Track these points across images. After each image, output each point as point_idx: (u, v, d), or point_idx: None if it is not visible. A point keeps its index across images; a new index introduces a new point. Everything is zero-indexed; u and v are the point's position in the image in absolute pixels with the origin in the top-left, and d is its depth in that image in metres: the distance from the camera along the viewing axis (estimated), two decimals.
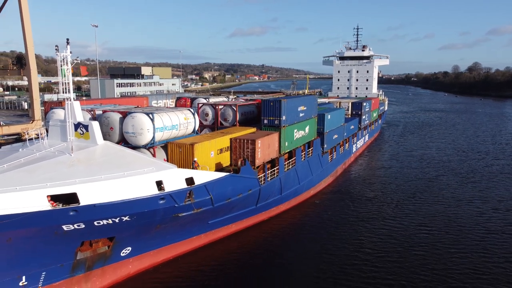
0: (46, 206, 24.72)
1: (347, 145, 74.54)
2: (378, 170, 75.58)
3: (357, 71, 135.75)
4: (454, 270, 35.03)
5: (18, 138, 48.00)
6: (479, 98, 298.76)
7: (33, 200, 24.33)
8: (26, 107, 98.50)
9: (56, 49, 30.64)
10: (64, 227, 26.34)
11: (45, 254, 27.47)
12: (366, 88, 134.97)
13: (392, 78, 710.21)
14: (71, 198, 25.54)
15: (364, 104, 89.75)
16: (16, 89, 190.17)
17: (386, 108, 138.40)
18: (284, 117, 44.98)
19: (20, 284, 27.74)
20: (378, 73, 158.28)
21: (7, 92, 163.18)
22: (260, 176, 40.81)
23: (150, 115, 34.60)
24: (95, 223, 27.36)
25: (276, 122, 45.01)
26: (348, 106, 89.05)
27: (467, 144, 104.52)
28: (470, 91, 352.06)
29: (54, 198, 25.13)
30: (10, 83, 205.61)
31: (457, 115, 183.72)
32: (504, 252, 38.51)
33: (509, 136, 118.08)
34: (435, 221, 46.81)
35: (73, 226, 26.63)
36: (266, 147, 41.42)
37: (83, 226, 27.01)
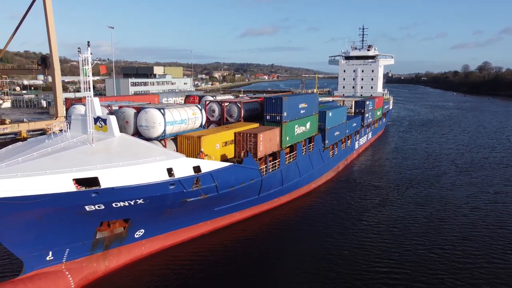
0: (72, 188, 28.26)
1: (349, 141, 77.35)
2: (380, 164, 79.11)
3: (362, 71, 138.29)
4: (445, 238, 41.42)
5: (42, 134, 51.68)
6: (488, 98, 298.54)
7: (61, 182, 27.84)
8: (44, 105, 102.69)
9: (78, 51, 34.22)
10: (87, 208, 29.88)
11: (69, 232, 30.98)
12: (371, 87, 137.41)
13: (402, 78, 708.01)
14: (93, 181, 29.03)
15: (367, 102, 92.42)
16: (32, 88, 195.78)
17: (391, 107, 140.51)
18: (285, 114, 48.18)
19: (47, 258, 31.32)
20: (388, 73, 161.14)
21: (24, 91, 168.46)
22: (262, 167, 44.08)
23: (162, 110, 38.06)
24: (113, 204, 30.85)
25: (277, 118, 48.22)
26: (352, 105, 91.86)
27: (468, 138, 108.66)
28: (479, 91, 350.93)
29: (78, 182, 28.61)
30: (25, 82, 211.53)
31: (463, 113, 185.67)
32: (485, 223, 45.93)
33: (510, 132, 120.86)
34: (432, 202, 53.33)
35: (94, 207, 30.16)
36: (267, 141, 44.68)
37: (103, 207, 30.50)
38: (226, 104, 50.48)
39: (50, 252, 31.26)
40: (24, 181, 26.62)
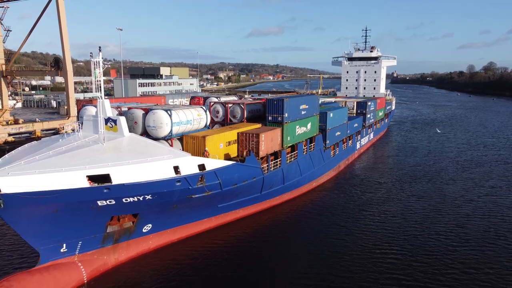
0: (85, 184, 30.33)
1: (350, 142, 78.84)
2: (382, 161, 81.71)
3: (365, 72, 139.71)
4: (442, 226, 45.25)
5: (55, 133, 53.96)
6: (492, 98, 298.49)
7: (75, 179, 29.90)
8: (54, 105, 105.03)
9: (90, 55, 36.38)
10: (99, 203, 31.91)
11: (82, 225, 33.02)
12: (374, 88, 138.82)
13: (407, 78, 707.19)
14: (105, 178, 31.06)
15: (369, 103, 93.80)
16: (41, 88, 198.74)
17: (393, 107, 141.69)
18: (286, 114, 50.03)
19: (61, 250, 33.39)
20: (393, 73, 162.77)
21: (33, 92, 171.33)
22: (263, 166, 45.99)
23: (168, 112, 40.09)
24: (123, 200, 32.85)
25: (279, 119, 50.11)
26: (354, 105, 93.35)
27: (469, 137, 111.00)
28: (484, 91, 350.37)
29: (91, 178, 30.67)
30: (34, 82, 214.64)
31: (465, 113, 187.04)
32: (479, 213, 49.69)
33: (510, 132, 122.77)
34: (431, 196, 56.93)
35: (106, 202, 32.18)
36: (269, 141, 46.59)
37: (114, 202, 32.51)
38: (229, 105, 52.44)
39: (64, 245, 33.30)
40: (41, 177, 28.73)
